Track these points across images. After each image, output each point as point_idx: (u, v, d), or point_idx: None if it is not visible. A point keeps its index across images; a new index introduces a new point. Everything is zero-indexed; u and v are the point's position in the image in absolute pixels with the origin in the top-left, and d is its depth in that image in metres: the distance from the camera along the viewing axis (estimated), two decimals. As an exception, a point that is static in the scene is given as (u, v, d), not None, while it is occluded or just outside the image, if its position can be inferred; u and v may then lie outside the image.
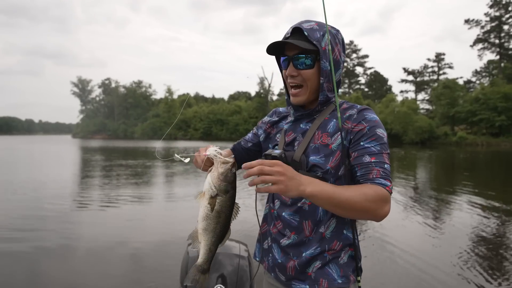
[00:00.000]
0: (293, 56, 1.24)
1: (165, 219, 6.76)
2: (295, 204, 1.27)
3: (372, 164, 1.15)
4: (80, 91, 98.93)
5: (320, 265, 1.24)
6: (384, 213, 1.09)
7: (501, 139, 43.76)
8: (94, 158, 22.22)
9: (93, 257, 4.55)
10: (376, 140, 1.18)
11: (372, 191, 1.07)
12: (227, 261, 2.05)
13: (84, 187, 10.47)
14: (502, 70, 57.43)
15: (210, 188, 1.11)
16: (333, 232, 1.25)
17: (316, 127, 1.27)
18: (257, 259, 1.45)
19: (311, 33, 1.21)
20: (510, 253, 4.84)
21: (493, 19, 59.45)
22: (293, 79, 1.26)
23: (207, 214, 1.13)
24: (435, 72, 71.86)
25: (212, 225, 1.13)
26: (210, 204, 1.11)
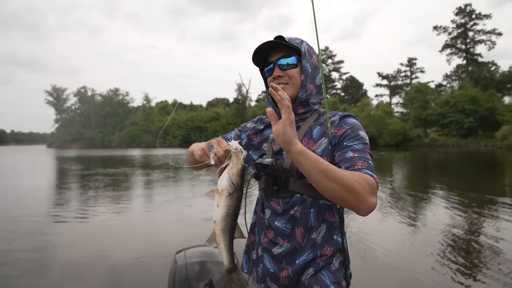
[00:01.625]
0: (277, 60, 1.33)
1: (146, 229, 6.54)
2: (287, 213, 1.28)
3: (356, 158, 1.16)
4: (55, 99, 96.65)
5: (313, 272, 1.25)
6: (371, 203, 1.05)
7: (470, 140, 45.70)
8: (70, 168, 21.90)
9: (69, 273, 4.29)
10: (358, 140, 1.22)
11: (360, 175, 1.07)
12: (215, 268, 2.08)
13: (60, 198, 10.27)
14: (469, 74, 60.10)
15: (229, 185, 1.09)
16: (324, 237, 1.27)
17: (302, 135, 1.31)
18: (245, 271, 1.43)
19: (292, 40, 1.33)
20: (480, 246, 5.09)
21: (459, 26, 62.31)
22: (279, 79, 1.32)
23: (227, 213, 1.11)
24: (407, 76, 74.25)
25: (230, 223, 1.12)
26: (230, 202, 1.10)
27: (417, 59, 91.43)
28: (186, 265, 2.09)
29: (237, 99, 70.29)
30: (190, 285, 2.01)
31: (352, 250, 4.94)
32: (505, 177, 14.65)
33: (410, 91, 57.30)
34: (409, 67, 73.52)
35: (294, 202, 1.26)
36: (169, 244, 5.23)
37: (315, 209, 1.26)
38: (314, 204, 1.26)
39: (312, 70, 1.34)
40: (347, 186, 1.02)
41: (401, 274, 4.08)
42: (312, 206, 1.26)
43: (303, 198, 1.26)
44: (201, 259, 2.16)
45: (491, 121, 44.81)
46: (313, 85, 1.35)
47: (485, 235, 5.66)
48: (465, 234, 5.73)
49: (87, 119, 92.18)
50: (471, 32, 61.71)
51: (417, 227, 6.26)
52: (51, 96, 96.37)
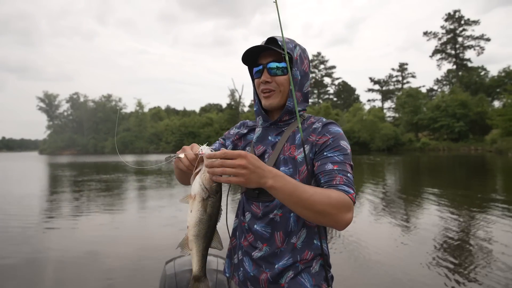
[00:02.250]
0: (267, 63, 1.29)
1: (139, 235, 6.51)
2: (266, 216, 1.27)
3: (335, 171, 1.15)
4: (47, 106, 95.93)
5: (292, 275, 1.24)
6: (346, 221, 1.06)
7: (460, 143, 46.31)
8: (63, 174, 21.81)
9: (61, 281, 4.28)
10: (339, 151, 1.21)
11: (336, 195, 1.06)
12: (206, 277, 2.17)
13: (52, 204, 10.25)
14: (459, 79, 61.03)
15: (201, 190, 1.07)
16: (304, 242, 1.26)
17: (285, 139, 1.30)
18: (226, 275, 1.44)
19: (286, 43, 1.28)
20: (472, 247, 5.20)
21: (448, 32, 63.41)
22: (267, 85, 1.29)
23: (200, 219, 1.08)
24: (399, 81, 75.11)
25: (204, 229, 1.09)
26: (203, 207, 1.07)
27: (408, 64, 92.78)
28: (175, 274, 2.08)
29: (230, 105, 70.48)
30: None
31: (346, 251, 5.03)
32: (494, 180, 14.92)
33: (401, 96, 57.97)
34: (401, 72, 74.41)
35: (274, 206, 1.26)
36: (162, 250, 5.25)
37: (295, 214, 1.24)
38: None
39: (301, 77, 1.31)
40: (320, 212, 1.03)
41: (394, 275, 4.14)
42: (291, 210, 1.21)
43: None
44: (191, 267, 2.07)
45: (481, 125, 45.53)
46: (300, 93, 1.33)
47: (476, 236, 5.77)
48: (456, 236, 5.82)
49: (80, 126, 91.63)
50: (460, 37, 62.85)
51: (409, 229, 6.35)
52: (43, 103, 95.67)
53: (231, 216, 1.36)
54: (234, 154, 0.96)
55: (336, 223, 1.05)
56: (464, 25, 61.92)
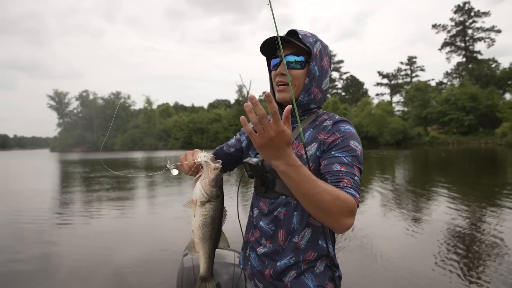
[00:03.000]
0: (285, 55, 1.26)
1: (151, 231, 6.51)
2: (271, 213, 1.28)
3: (343, 173, 1.12)
4: (57, 104, 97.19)
5: (295, 274, 1.24)
6: (346, 225, 1.03)
7: (470, 137, 45.86)
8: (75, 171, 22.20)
9: (75, 276, 4.25)
10: (348, 151, 1.16)
11: (343, 197, 1.03)
12: (223, 270, 2.09)
13: (64, 201, 10.33)
14: (469, 72, 60.25)
15: (202, 195, 1.11)
16: (308, 242, 1.24)
17: (295, 137, 1.28)
18: (240, 267, 1.47)
19: (305, 38, 1.26)
20: (483, 245, 5.09)
21: (458, 24, 62.57)
22: (282, 77, 1.27)
23: (203, 222, 1.13)
24: (408, 75, 74.41)
25: (209, 232, 1.14)
26: (205, 211, 1.12)
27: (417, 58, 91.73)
28: (193, 267, 2.08)
29: (238, 100, 70.61)
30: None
31: (356, 246, 5.06)
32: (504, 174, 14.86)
33: (410, 90, 57.48)
34: (409, 66, 73.69)
35: (279, 203, 1.26)
36: (174, 245, 5.34)
37: (299, 213, 1.24)
38: (298, 207, 1.24)
39: (319, 73, 1.28)
40: (324, 210, 1.00)
41: (404, 270, 4.14)
42: (296, 209, 1.24)
43: (288, 200, 1.25)
44: None
45: (491, 118, 44.98)
46: (318, 89, 1.30)
47: (487, 232, 5.72)
48: (467, 231, 5.80)
49: (89, 123, 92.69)
50: (470, 29, 62.02)
51: (419, 224, 6.36)
52: (53, 101, 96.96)
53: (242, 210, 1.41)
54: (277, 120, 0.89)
55: (337, 225, 1.03)
56: (474, 16, 61.04)
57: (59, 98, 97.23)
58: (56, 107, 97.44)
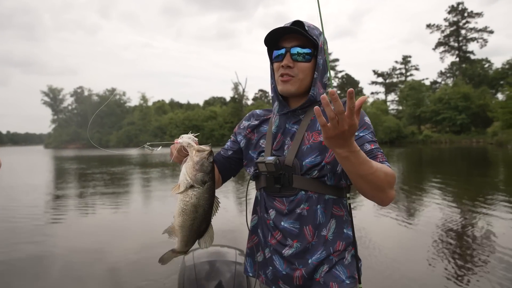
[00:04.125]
0: (291, 47, 1.22)
1: (147, 228, 6.42)
2: (293, 212, 1.23)
3: (374, 150, 1.14)
4: (51, 100, 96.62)
5: (327, 268, 1.21)
6: (393, 196, 1.08)
7: (462, 136, 46.49)
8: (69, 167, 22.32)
9: (69, 274, 4.19)
10: (367, 128, 1.20)
11: (390, 172, 1.06)
12: (225, 268, 2.07)
13: (59, 197, 10.32)
14: (462, 72, 60.91)
15: (185, 179, 1.04)
16: (334, 233, 1.23)
17: (305, 129, 1.25)
18: (249, 275, 1.39)
19: (311, 30, 1.23)
20: (474, 241, 5.17)
21: (451, 24, 63.07)
22: (287, 70, 1.23)
23: (183, 209, 1.05)
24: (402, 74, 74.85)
25: (189, 221, 1.05)
26: (185, 197, 1.04)
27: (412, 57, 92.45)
28: (194, 265, 2.09)
29: (233, 98, 70.79)
30: (199, 285, 1.99)
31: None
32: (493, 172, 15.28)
33: (404, 89, 58.00)
34: (404, 65, 74.16)
35: (300, 200, 1.22)
36: (169, 242, 5.45)
37: (322, 205, 1.22)
38: (321, 200, 1.22)
39: (322, 67, 1.27)
40: (379, 187, 1.04)
41: (397, 267, 4.18)
42: (318, 202, 1.22)
43: (308, 195, 1.22)
44: (210, 259, 2.14)
45: (483, 118, 45.61)
46: (321, 83, 1.28)
47: (478, 229, 5.83)
48: (459, 228, 5.91)
49: (84, 119, 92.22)
50: (463, 30, 62.55)
51: (412, 221, 6.52)
52: (47, 97, 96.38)
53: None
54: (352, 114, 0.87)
55: (386, 198, 1.07)
56: (467, 17, 61.60)
57: (53, 94, 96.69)
58: (51, 103, 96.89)
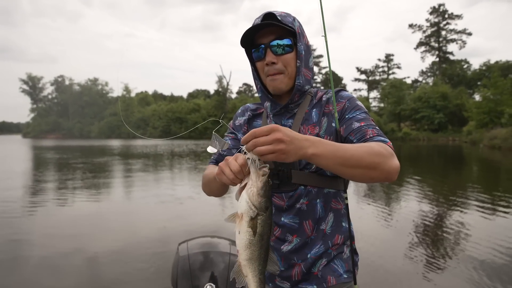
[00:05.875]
0: (270, 42, 1.18)
1: (126, 220, 6.43)
2: (292, 207, 1.22)
3: (364, 127, 1.12)
4: (31, 88, 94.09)
5: (325, 262, 1.22)
6: (396, 166, 1.01)
7: (439, 134, 47.88)
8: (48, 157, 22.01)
9: (46, 265, 4.10)
10: (359, 109, 1.18)
11: (376, 145, 1.01)
12: (219, 258, 2.06)
13: (37, 187, 10.22)
14: (442, 71, 62.53)
15: (249, 208, 0.95)
16: (332, 226, 1.23)
17: (300, 122, 1.23)
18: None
19: (284, 19, 1.18)
20: (449, 234, 5.48)
21: (432, 25, 64.51)
22: (273, 66, 1.19)
23: (250, 240, 0.96)
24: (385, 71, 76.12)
25: (257, 251, 0.97)
26: (251, 228, 0.96)
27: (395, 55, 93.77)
28: (188, 256, 2.08)
29: (217, 91, 70.68)
30: (193, 276, 1.99)
31: None
32: (462, 169, 16.07)
33: (386, 87, 59.12)
34: (387, 63, 75.43)
35: (299, 195, 1.21)
36: (149, 233, 5.41)
37: (321, 199, 1.22)
38: (320, 194, 1.22)
39: (305, 52, 1.22)
40: (369, 165, 0.97)
41: (374, 261, 4.28)
42: (317, 196, 1.22)
43: (308, 189, 1.21)
44: (203, 249, 2.14)
45: (459, 117, 47.06)
46: (307, 69, 1.25)
47: (451, 224, 6.15)
48: (434, 221, 6.22)
49: (65, 109, 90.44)
50: (443, 31, 64.08)
51: (391, 214, 6.75)
52: (26, 85, 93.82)
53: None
54: (264, 130, 0.87)
55: (388, 172, 1.00)
56: (448, 19, 63.11)
57: (32, 83, 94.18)
58: (30, 91, 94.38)
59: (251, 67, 1.30)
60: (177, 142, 45.84)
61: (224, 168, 0.97)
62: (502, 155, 22.66)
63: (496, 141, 27.97)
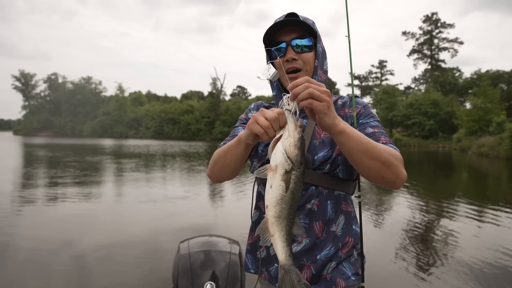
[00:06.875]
0: (291, 40, 1.22)
1: (117, 217, 6.41)
2: (303, 207, 1.21)
3: (377, 133, 1.14)
4: (23, 85, 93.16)
5: (335, 265, 1.21)
6: (404, 175, 1.02)
7: (430, 141, 48.46)
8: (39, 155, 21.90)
9: (34, 266, 4.00)
10: (373, 117, 1.22)
11: (392, 149, 1.03)
12: (220, 257, 2.06)
13: (26, 184, 10.11)
14: (434, 79, 63.39)
15: (285, 160, 0.90)
16: (343, 229, 1.24)
17: (315, 122, 1.20)
18: (251, 271, 1.36)
19: (305, 19, 1.24)
20: (437, 239, 5.58)
21: (425, 33, 65.44)
22: (293, 63, 1.22)
23: (282, 195, 0.91)
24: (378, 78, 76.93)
25: (287, 209, 0.92)
26: (285, 182, 0.91)
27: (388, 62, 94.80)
28: (189, 254, 2.08)
29: (211, 93, 70.73)
30: (194, 274, 1.98)
31: None
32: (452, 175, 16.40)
33: (378, 93, 59.78)
34: (380, 69, 76.22)
35: (310, 195, 1.21)
36: (138, 231, 5.44)
37: (332, 201, 1.23)
38: (331, 196, 1.23)
39: (321, 55, 1.29)
40: (386, 162, 0.98)
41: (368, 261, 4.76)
42: (328, 197, 1.22)
43: (319, 190, 1.22)
44: (204, 248, 2.14)
45: (450, 124, 47.69)
46: (321, 70, 1.30)
47: (439, 228, 6.30)
48: (423, 225, 6.32)
49: (57, 107, 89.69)
50: (436, 39, 65.03)
51: (381, 218, 6.84)
52: (18, 82, 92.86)
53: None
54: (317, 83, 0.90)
55: (398, 177, 1.01)
56: (440, 27, 64.08)
57: (25, 80, 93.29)
58: (22, 88, 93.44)
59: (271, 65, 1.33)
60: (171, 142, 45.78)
61: (258, 117, 0.95)
62: (489, 162, 23.12)
63: (484, 149, 28.47)
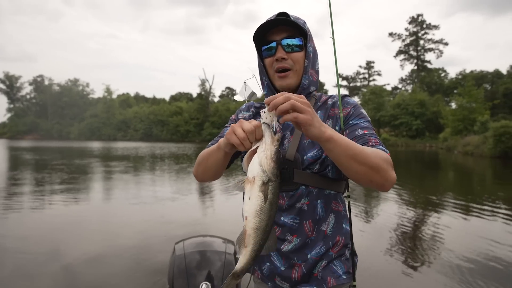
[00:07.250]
0: (281, 39, 1.22)
1: (107, 221, 6.31)
2: (293, 207, 1.22)
3: (367, 135, 1.14)
4: (8, 87, 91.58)
5: (325, 264, 1.22)
6: (393, 178, 1.03)
7: (417, 140, 49.17)
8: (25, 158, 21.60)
9: (20, 275, 3.88)
10: (363, 118, 1.21)
11: (381, 152, 1.04)
12: (215, 257, 2.09)
13: (11, 188, 9.96)
14: (420, 79, 64.42)
15: (262, 171, 0.91)
16: (333, 228, 1.24)
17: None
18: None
19: (296, 19, 1.24)
20: (425, 238, 5.59)
21: (411, 34, 66.49)
22: (282, 63, 1.23)
23: (261, 206, 0.91)
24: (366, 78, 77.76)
25: (265, 221, 0.92)
26: (263, 193, 0.91)
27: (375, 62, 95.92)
28: (184, 255, 2.10)
29: (200, 94, 70.60)
30: (189, 274, 2.00)
31: None
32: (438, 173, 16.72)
33: (366, 93, 60.45)
34: (367, 70, 77.06)
35: (300, 195, 1.22)
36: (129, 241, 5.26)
37: (322, 200, 1.23)
38: (321, 195, 1.23)
39: (313, 54, 1.29)
40: (374, 167, 0.98)
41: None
42: (318, 197, 1.23)
43: (309, 189, 1.22)
44: (199, 248, 2.16)
45: (436, 124, 48.48)
46: (313, 70, 1.30)
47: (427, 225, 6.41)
48: (411, 224, 6.41)
49: (44, 110, 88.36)
50: (422, 40, 66.13)
51: (368, 218, 6.91)
52: (3, 84, 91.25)
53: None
54: (297, 95, 0.90)
55: (386, 180, 1.01)
56: (426, 28, 65.18)
57: (10, 82, 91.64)
58: (7, 91, 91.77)
59: (259, 64, 1.35)
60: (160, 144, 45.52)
61: (236, 128, 0.96)
62: (474, 161, 23.60)
63: (469, 148, 29.02)
